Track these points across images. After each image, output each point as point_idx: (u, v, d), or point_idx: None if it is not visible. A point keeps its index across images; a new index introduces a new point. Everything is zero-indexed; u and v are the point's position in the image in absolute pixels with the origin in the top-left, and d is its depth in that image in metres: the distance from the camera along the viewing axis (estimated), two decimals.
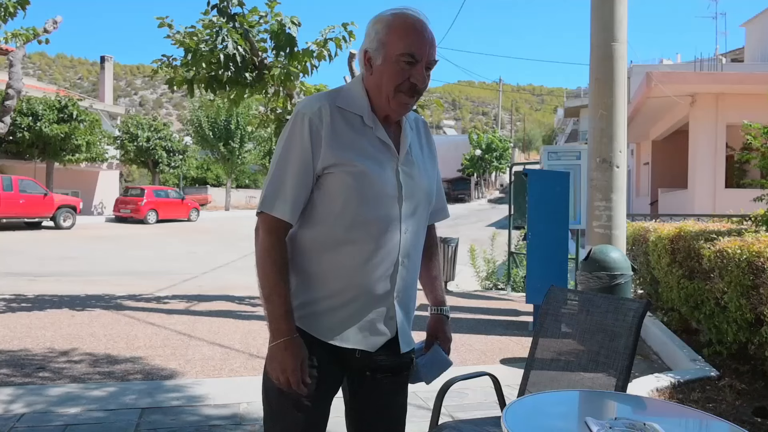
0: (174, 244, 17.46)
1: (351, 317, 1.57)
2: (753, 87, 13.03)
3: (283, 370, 1.51)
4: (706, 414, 1.71)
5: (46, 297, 7.89)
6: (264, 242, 1.55)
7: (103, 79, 32.48)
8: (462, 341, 5.77)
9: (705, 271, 4.62)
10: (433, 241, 1.85)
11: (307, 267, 1.58)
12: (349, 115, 1.57)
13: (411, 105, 1.59)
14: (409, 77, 1.53)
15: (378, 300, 1.58)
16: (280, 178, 1.55)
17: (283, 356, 1.51)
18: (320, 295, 1.57)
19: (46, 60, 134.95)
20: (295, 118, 1.57)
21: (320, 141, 1.53)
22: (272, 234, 1.55)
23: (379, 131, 1.59)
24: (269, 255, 1.54)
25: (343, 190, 1.53)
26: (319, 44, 7.55)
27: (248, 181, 44.44)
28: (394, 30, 1.52)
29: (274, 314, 1.53)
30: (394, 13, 1.56)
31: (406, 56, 1.51)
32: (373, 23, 1.56)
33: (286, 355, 1.51)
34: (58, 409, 3.58)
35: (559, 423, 1.65)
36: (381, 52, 1.53)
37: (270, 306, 1.53)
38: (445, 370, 1.79)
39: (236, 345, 5.46)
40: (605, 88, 5.45)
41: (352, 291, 1.56)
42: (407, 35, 1.52)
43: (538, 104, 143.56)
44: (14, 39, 9.59)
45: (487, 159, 45.18)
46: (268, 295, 1.53)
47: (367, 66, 1.57)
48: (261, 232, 1.56)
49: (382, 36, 1.53)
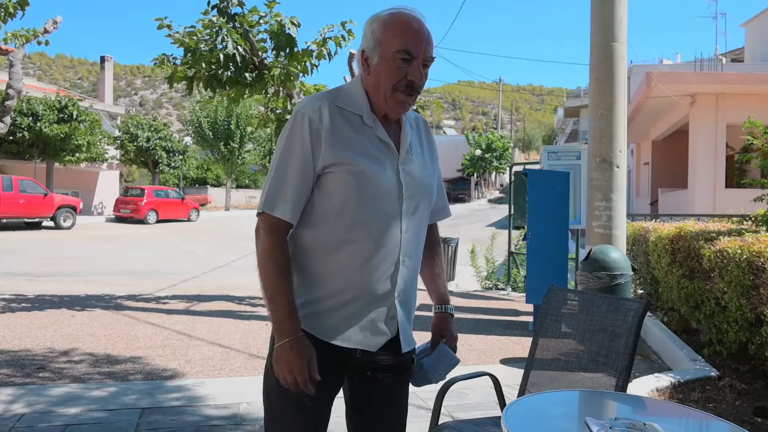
0: (174, 244, 17.46)
1: (352, 317, 1.57)
2: (753, 87, 13.05)
3: (290, 371, 1.50)
4: (707, 414, 1.71)
5: (46, 297, 7.89)
6: (265, 243, 1.55)
7: (103, 79, 32.50)
8: (462, 341, 5.75)
9: (705, 271, 4.62)
10: (435, 240, 1.85)
11: (307, 267, 1.58)
12: (349, 114, 1.57)
13: (409, 104, 1.59)
14: (406, 75, 1.53)
15: (379, 299, 1.58)
16: (281, 178, 1.55)
17: (289, 356, 1.50)
18: (321, 295, 1.57)
19: (47, 60, 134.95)
20: (294, 118, 1.56)
21: (320, 140, 1.53)
22: (273, 234, 1.55)
23: (378, 130, 1.59)
24: (271, 255, 1.54)
25: (343, 189, 1.53)
26: (319, 44, 7.55)
27: (248, 181, 44.45)
28: (390, 28, 1.53)
29: (277, 314, 1.52)
30: (390, 12, 1.56)
31: (402, 53, 1.51)
32: (370, 23, 1.57)
33: (291, 354, 1.50)
34: (58, 409, 3.58)
35: (560, 423, 1.65)
36: (377, 51, 1.54)
37: (273, 306, 1.53)
38: (452, 369, 1.78)
39: (236, 345, 5.46)
40: (605, 88, 5.45)
41: (353, 290, 1.56)
42: (403, 32, 1.52)
43: (538, 104, 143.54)
44: (14, 39, 9.59)
45: (487, 159, 45.19)
46: (271, 296, 1.53)
47: (365, 66, 1.57)
48: (262, 233, 1.56)
49: (378, 35, 1.53)
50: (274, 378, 1.58)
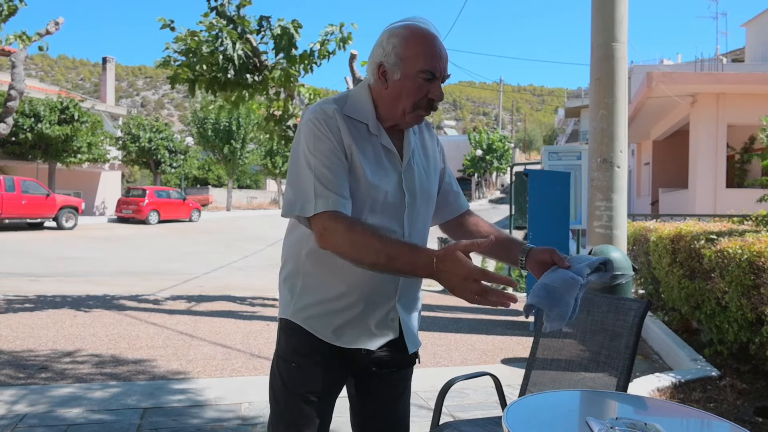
0: (175, 245, 17.47)
1: (355, 319, 1.58)
2: (754, 87, 13.03)
3: (463, 278, 1.30)
4: (708, 414, 1.71)
5: (48, 297, 7.90)
6: (338, 235, 1.44)
7: (105, 80, 32.51)
8: (463, 341, 5.77)
9: (706, 270, 4.62)
10: (471, 220, 1.81)
11: (311, 270, 1.59)
12: (356, 123, 1.58)
13: (424, 118, 1.62)
14: (427, 93, 1.54)
15: (381, 302, 1.60)
16: (308, 177, 1.49)
17: (448, 269, 1.32)
18: (324, 298, 1.58)
19: (48, 61, 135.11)
20: (309, 122, 1.54)
21: (341, 142, 1.52)
22: (335, 220, 1.45)
23: (383, 138, 1.60)
24: (350, 234, 1.42)
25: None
26: (320, 44, 7.57)
27: (249, 182, 44.47)
28: (413, 46, 1.52)
29: (404, 256, 1.38)
30: (409, 27, 1.54)
31: (427, 73, 1.52)
32: (388, 37, 1.55)
33: (446, 266, 1.32)
34: (60, 410, 3.59)
35: (560, 423, 1.65)
36: (399, 67, 1.53)
37: (398, 261, 1.38)
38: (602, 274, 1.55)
39: (238, 345, 5.46)
40: (606, 88, 5.45)
41: (356, 294, 1.57)
42: (425, 52, 1.52)
43: (538, 104, 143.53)
44: (16, 40, 9.60)
45: (487, 159, 45.18)
46: (387, 255, 1.38)
47: (382, 79, 1.56)
48: (326, 232, 1.45)
49: (399, 51, 1.52)
50: (279, 375, 1.60)
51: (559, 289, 1.45)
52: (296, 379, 1.59)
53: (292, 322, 1.60)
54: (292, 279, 1.63)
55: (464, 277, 1.30)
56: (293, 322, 1.60)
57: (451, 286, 1.32)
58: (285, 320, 1.63)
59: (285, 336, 1.63)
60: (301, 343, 1.59)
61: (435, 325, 6.45)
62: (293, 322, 1.60)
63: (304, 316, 1.58)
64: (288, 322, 1.62)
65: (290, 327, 1.61)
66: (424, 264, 1.36)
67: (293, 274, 1.62)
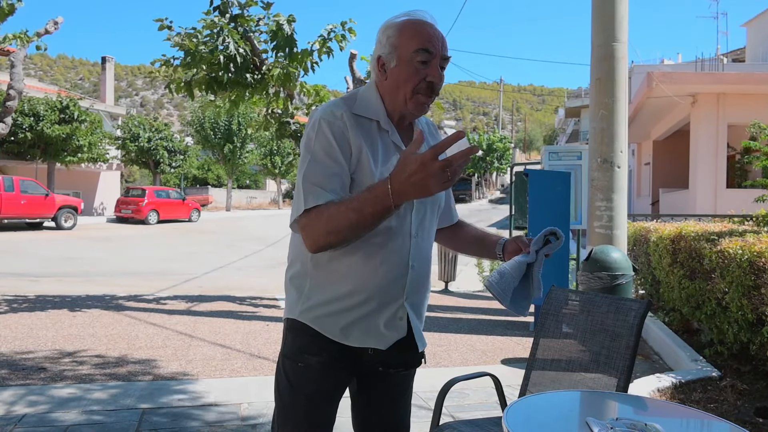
0: (175, 245, 17.47)
1: (363, 318, 1.58)
2: (754, 87, 13.03)
3: (421, 168, 1.27)
4: (708, 414, 1.71)
5: (48, 297, 7.89)
6: (315, 223, 1.44)
7: (104, 80, 32.47)
8: (463, 341, 5.77)
9: (706, 271, 4.62)
10: (459, 225, 1.94)
11: (319, 270, 1.59)
12: (366, 121, 1.58)
13: (428, 105, 1.60)
14: (426, 76, 1.54)
15: (389, 302, 1.60)
16: (300, 190, 1.50)
17: (402, 174, 1.30)
18: (332, 297, 1.58)
19: (48, 61, 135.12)
20: (316, 124, 1.54)
21: (346, 143, 1.52)
22: (308, 214, 1.46)
23: (394, 135, 1.61)
24: (322, 216, 1.43)
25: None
26: (321, 42, 7.56)
27: (249, 182, 44.49)
28: (405, 31, 1.54)
29: (366, 200, 1.37)
30: (403, 17, 1.58)
31: (421, 52, 1.52)
32: (384, 29, 1.58)
33: (400, 175, 1.30)
34: (60, 411, 3.58)
35: (560, 423, 1.64)
36: (394, 55, 1.54)
37: (358, 204, 1.38)
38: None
39: (237, 345, 5.46)
40: (606, 88, 5.45)
41: (364, 293, 1.57)
42: (418, 33, 1.53)
43: (539, 104, 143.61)
44: (15, 40, 9.60)
45: (488, 159, 45.20)
46: (354, 209, 1.38)
47: (381, 71, 1.58)
48: (309, 228, 1.46)
49: (393, 39, 1.55)
50: (285, 374, 1.61)
51: (509, 272, 1.63)
52: (302, 378, 1.60)
53: (299, 322, 1.60)
54: (299, 279, 1.62)
55: (421, 166, 1.27)
56: (301, 321, 1.60)
57: (419, 184, 1.29)
58: (292, 320, 1.62)
59: (292, 336, 1.63)
60: (309, 343, 1.59)
61: (435, 325, 6.45)
62: (301, 321, 1.60)
63: (312, 315, 1.58)
64: (295, 321, 1.61)
65: (297, 327, 1.61)
66: (383, 191, 1.33)
67: (301, 274, 1.62)
